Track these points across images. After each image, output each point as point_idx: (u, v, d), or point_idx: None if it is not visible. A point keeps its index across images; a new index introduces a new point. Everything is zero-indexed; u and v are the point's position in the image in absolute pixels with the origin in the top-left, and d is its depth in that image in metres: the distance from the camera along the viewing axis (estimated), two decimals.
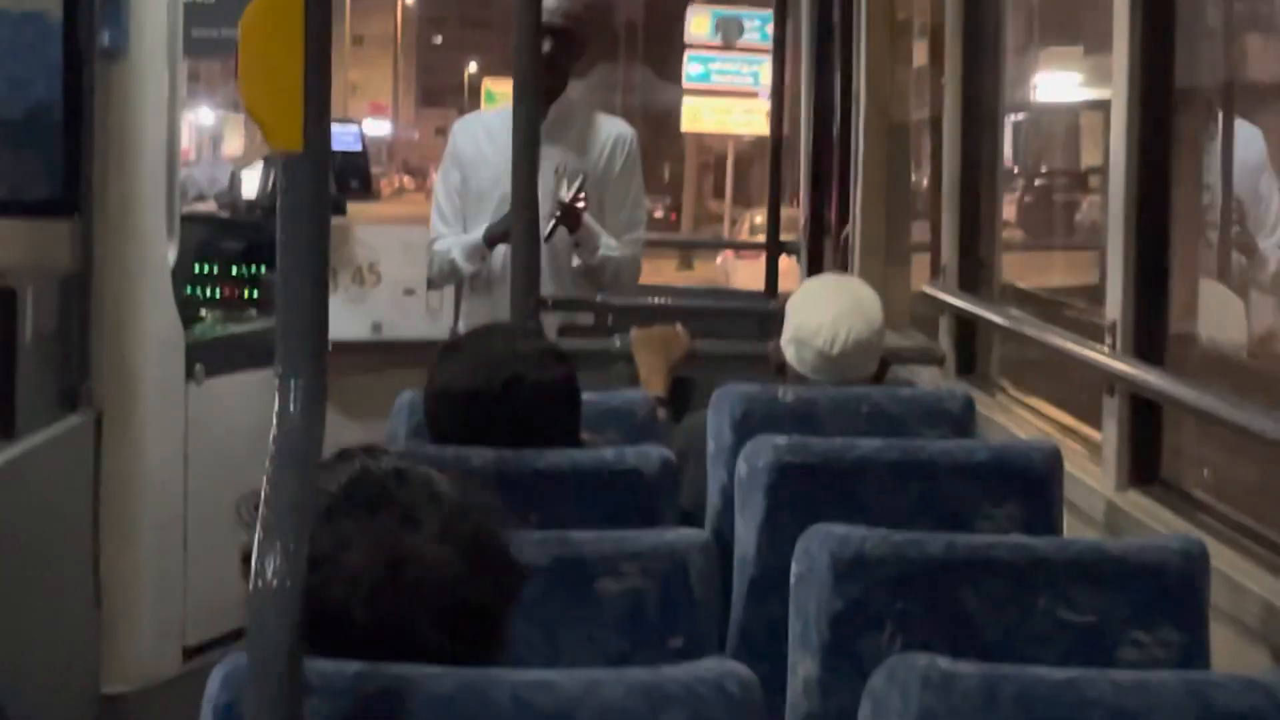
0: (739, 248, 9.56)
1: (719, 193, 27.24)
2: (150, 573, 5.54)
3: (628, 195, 5.93)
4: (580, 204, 5.64)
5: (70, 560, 5.33)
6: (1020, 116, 5.96)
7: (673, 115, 22.06)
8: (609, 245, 5.77)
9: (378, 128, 37.32)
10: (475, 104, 28.29)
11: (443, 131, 6.08)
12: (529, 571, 2.04)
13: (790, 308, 4.12)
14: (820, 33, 6.51)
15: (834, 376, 3.98)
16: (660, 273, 10.12)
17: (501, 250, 5.60)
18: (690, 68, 16.92)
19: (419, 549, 1.94)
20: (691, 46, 16.61)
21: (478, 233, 5.80)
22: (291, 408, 1.80)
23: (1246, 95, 4.34)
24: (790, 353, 4.06)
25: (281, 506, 1.78)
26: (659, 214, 26.75)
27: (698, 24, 16.76)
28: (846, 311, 4.02)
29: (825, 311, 4.02)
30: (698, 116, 18.68)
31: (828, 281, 4.70)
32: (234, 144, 27.62)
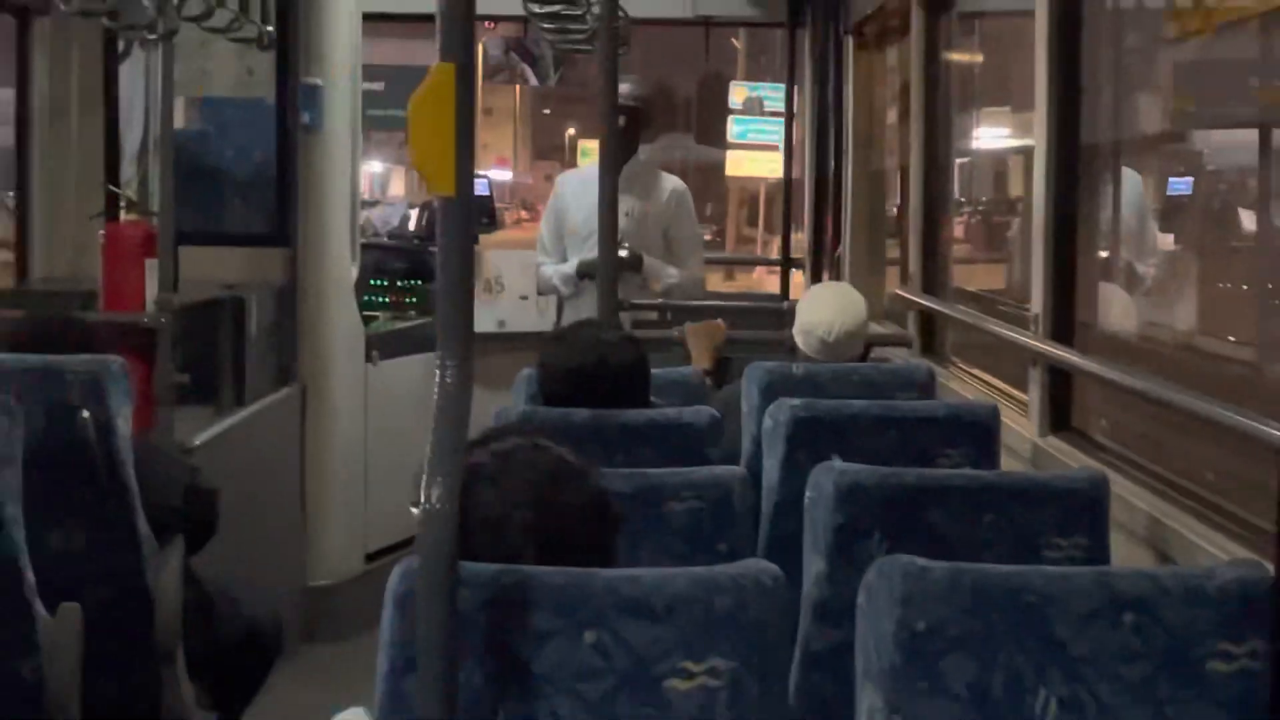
0: (762, 264, 9.55)
1: (753, 222, 27.06)
2: (341, 501, 5.57)
3: (687, 230, 5.92)
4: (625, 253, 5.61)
5: (284, 491, 5.37)
6: (967, 160, 5.90)
7: (718, 167, 21.98)
8: (669, 274, 5.76)
9: (502, 175, 37.72)
10: (574, 159, 28.34)
11: (550, 178, 6.09)
12: (621, 519, 2.01)
13: (799, 307, 4.12)
14: (819, 103, 6.47)
15: (831, 357, 3.97)
16: (710, 283, 10.07)
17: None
18: (733, 129, 17.41)
19: (557, 503, 1.91)
20: (733, 112, 17.18)
21: (572, 265, 5.79)
22: (448, 380, 1.80)
23: (1131, 147, 4.29)
24: (799, 340, 4.05)
25: (443, 451, 1.78)
26: (708, 237, 26.57)
27: (737, 94, 17.43)
28: (840, 310, 4.02)
29: (825, 310, 4.02)
30: (739, 165, 18.85)
31: (827, 287, 4.68)
32: (397, 187, 27.86)
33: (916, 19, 5.24)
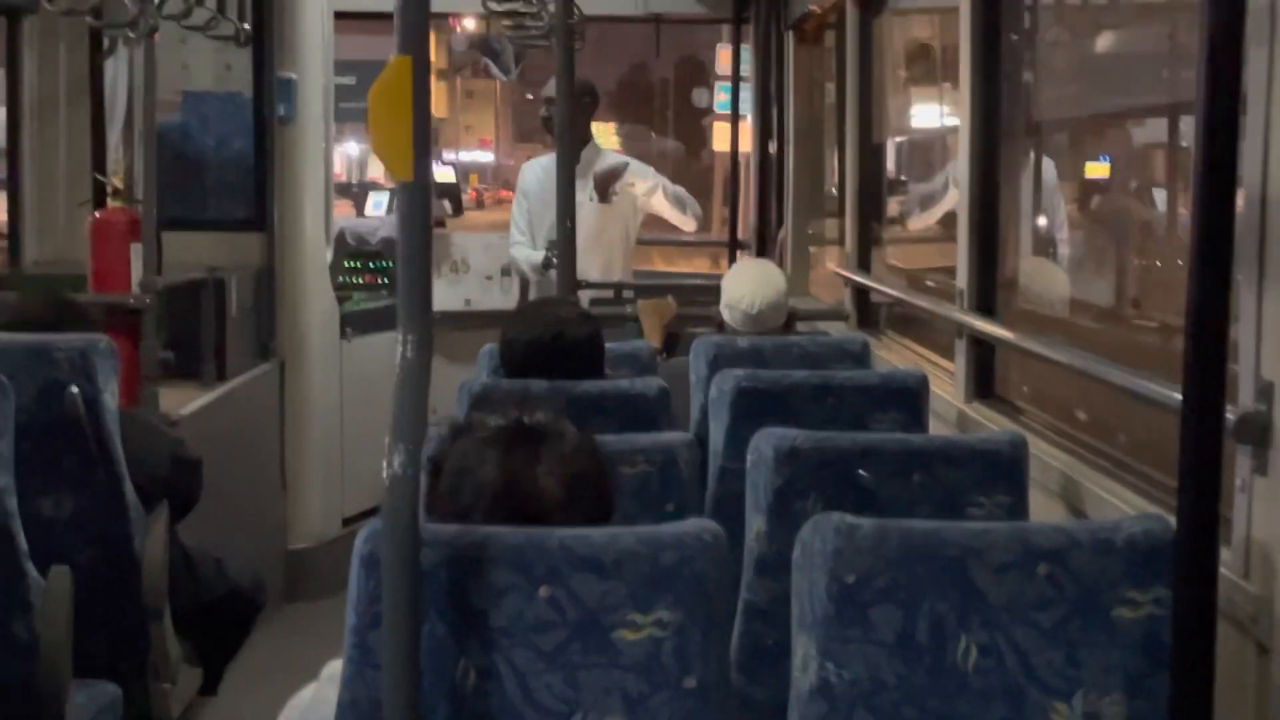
0: (709, 245, 9.49)
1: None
2: (318, 468, 5.55)
3: (653, 180, 6.04)
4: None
5: (265, 460, 5.34)
6: (905, 139, 5.90)
7: (704, 145, 21.02)
8: (667, 183, 5.89)
9: (485, 156, 37.23)
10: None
11: (532, 158, 6.11)
12: (615, 504, 1.98)
13: (724, 283, 4.12)
14: (763, 93, 6.46)
15: (755, 329, 3.97)
16: (667, 263, 10.03)
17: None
18: (718, 98, 13.60)
19: (534, 478, 1.88)
20: (720, 78, 13.26)
21: (539, 256, 5.81)
22: (408, 354, 1.79)
23: (1048, 131, 4.31)
24: (725, 314, 4.06)
25: (403, 420, 1.77)
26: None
27: (723, 57, 13.08)
28: (760, 284, 4.02)
29: (746, 284, 4.02)
30: (724, 138, 16.75)
31: (746, 264, 4.68)
32: (376, 170, 27.62)
33: (851, 15, 5.24)
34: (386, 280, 6.29)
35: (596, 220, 5.89)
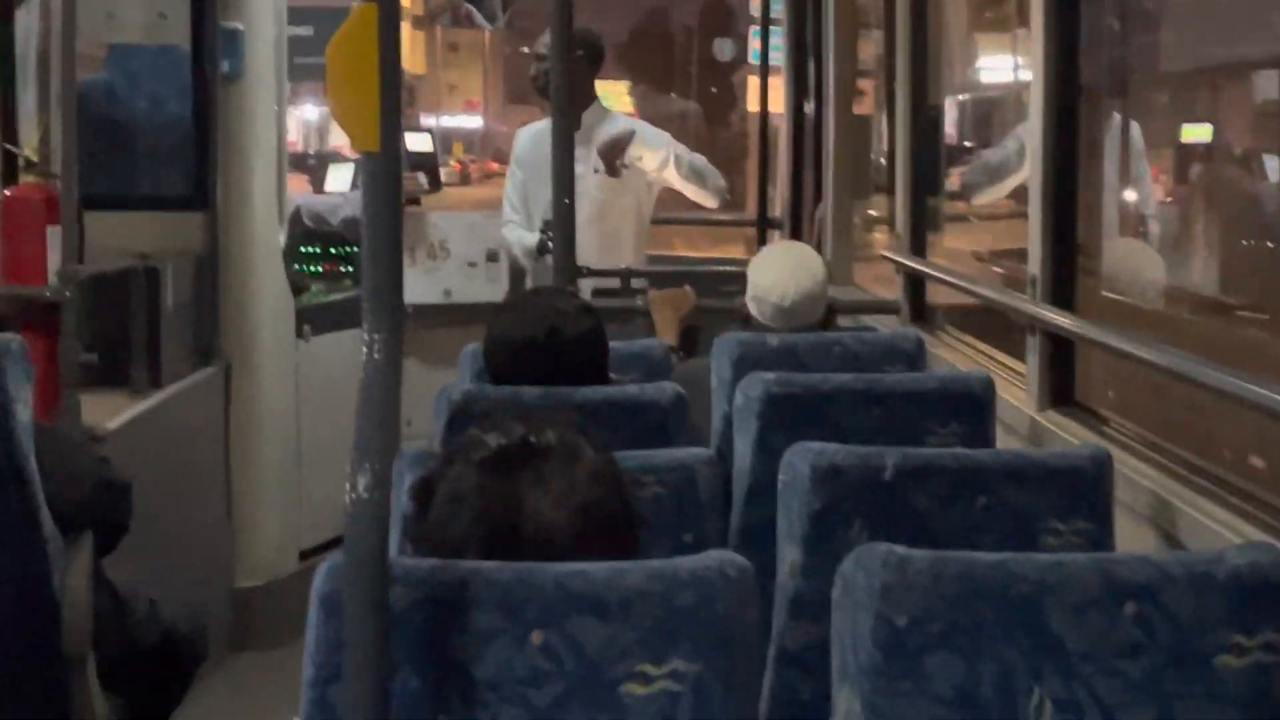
0: (737, 225, 9.47)
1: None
2: (271, 492, 5.56)
3: (666, 150, 5.99)
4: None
5: (207, 483, 5.36)
6: (969, 96, 5.89)
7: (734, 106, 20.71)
8: (678, 148, 5.87)
9: (471, 121, 36.17)
10: None
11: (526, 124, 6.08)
12: (637, 541, 1.98)
13: (750, 271, 4.11)
14: (796, 43, 6.46)
15: (787, 324, 3.97)
16: (688, 247, 10.01)
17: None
18: (753, 44, 13.52)
19: (536, 509, 1.89)
20: (755, 22, 13.16)
21: (533, 238, 5.80)
22: (375, 356, 1.80)
23: (1136, 92, 4.31)
24: (753, 307, 4.06)
25: (369, 435, 1.78)
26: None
27: None
28: (794, 271, 4.02)
29: (777, 273, 4.02)
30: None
31: (778, 248, 4.69)
32: (339, 138, 27.52)
33: None
34: (350, 268, 6.30)
35: (601, 195, 5.90)
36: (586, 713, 1.83)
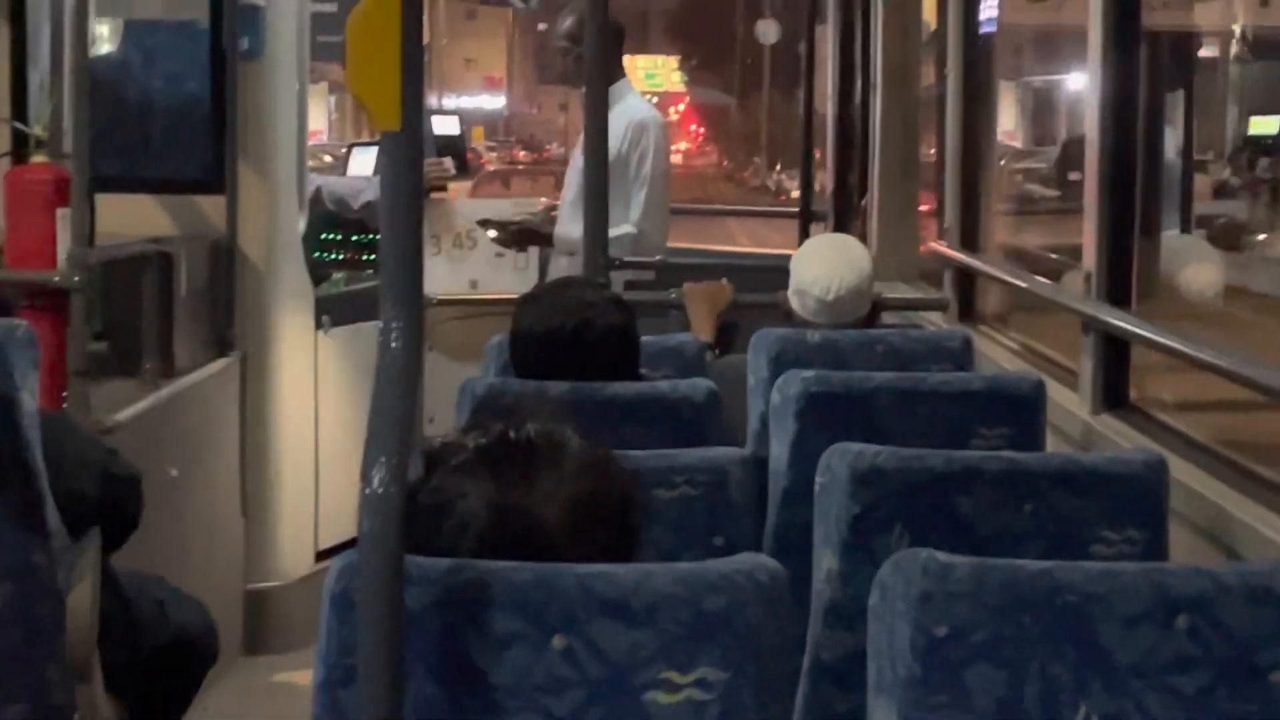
0: (781, 215, 9.42)
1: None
2: (287, 488, 5.58)
3: (636, 168, 5.69)
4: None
5: (220, 478, 5.37)
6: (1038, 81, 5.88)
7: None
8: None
9: (493, 101, 33.40)
10: None
11: (565, 107, 6.03)
12: (638, 532, 1.98)
13: (794, 263, 4.13)
14: (844, 26, 6.45)
15: (831, 319, 3.98)
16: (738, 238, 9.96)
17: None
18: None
19: (528, 505, 1.89)
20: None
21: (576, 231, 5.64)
22: (393, 344, 1.80)
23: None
24: (794, 302, 4.07)
25: (384, 427, 1.78)
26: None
27: None
28: (839, 264, 4.03)
29: (822, 265, 4.04)
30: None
31: (823, 240, 4.70)
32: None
33: None
34: (372, 257, 6.32)
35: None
36: None
